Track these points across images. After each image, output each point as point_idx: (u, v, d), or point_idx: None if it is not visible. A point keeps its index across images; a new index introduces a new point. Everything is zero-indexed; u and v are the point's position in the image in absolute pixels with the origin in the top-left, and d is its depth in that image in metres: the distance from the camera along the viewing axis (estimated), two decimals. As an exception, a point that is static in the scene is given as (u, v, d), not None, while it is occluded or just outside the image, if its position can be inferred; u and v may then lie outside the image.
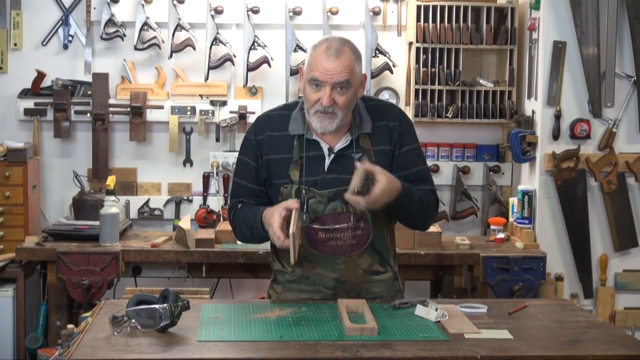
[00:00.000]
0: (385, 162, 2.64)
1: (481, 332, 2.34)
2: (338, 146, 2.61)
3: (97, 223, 3.94)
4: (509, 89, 4.33)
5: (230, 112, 4.43)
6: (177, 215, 4.43)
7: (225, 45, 4.37)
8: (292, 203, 2.48)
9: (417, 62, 4.30)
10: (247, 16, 4.36)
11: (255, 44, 4.36)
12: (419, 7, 4.28)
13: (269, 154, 2.63)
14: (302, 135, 2.62)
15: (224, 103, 4.44)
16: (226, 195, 4.44)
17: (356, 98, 2.61)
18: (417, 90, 4.30)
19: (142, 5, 4.34)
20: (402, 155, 2.66)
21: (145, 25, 4.35)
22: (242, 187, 2.69)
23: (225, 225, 4.09)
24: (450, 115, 4.31)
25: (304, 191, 2.59)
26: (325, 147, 2.62)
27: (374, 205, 2.46)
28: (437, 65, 4.31)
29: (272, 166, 2.63)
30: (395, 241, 2.79)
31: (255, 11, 4.40)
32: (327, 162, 2.62)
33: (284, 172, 2.61)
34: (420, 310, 2.48)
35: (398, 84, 4.47)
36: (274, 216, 2.47)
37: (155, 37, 4.38)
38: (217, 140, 4.45)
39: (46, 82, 4.40)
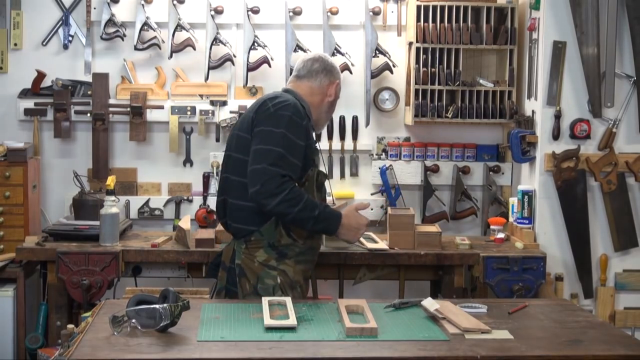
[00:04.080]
0: None
1: (490, 330, 2.34)
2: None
3: (97, 223, 3.94)
4: (509, 89, 4.33)
5: (230, 112, 4.43)
6: (177, 215, 4.43)
7: (225, 45, 4.37)
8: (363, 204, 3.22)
9: (417, 62, 4.30)
10: (247, 16, 4.36)
11: (255, 44, 4.36)
12: (419, 7, 4.28)
13: (309, 139, 3.09)
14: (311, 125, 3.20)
15: (224, 103, 4.44)
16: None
17: None
18: (417, 90, 4.30)
19: (142, 5, 4.34)
20: None
21: (145, 25, 4.35)
22: (294, 166, 3.01)
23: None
24: (450, 115, 4.31)
25: (321, 174, 3.17)
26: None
27: None
28: (437, 65, 4.31)
29: (307, 151, 3.07)
30: None
31: (255, 11, 4.40)
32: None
33: (312, 156, 3.10)
34: (426, 302, 2.51)
35: (398, 84, 4.47)
36: (361, 218, 3.15)
37: (155, 37, 4.38)
38: (217, 140, 4.45)
39: (46, 82, 4.40)
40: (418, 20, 4.28)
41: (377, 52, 4.39)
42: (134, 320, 2.27)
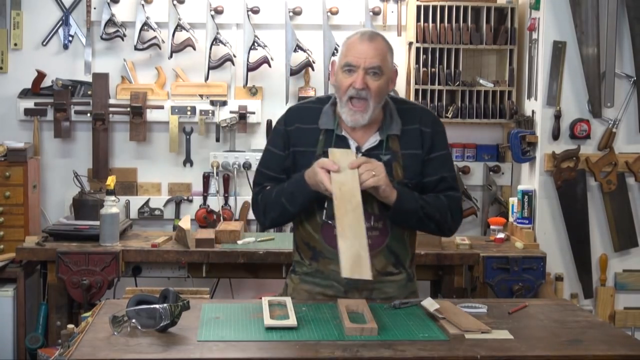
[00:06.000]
0: (412, 166, 2.64)
1: (490, 330, 2.34)
2: (366, 145, 2.62)
3: (97, 223, 3.94)
4: (509, 89, 4.33)
5: (230, 112, 4.43)
6: (177, 215, 4.43)
7: (225, 45, 4.37)
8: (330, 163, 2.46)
9: (417, 62, 4.30)
10: (247, 16, 4.36)
11: (255, 44, 4.36)
12: (419, 7, 4.28)
13: (297, 146, 2.66)
14: (330, 130, 2.63)
15: (224, 103, 4.44)
16: (226, 195, 4.45)
17: (388, 90, 2.63)
18: (417, 90, 4.31)
19: (142, 5, 4.34)
20: (430, 161, 2.67)
21: (145, 25, 4.35)
22: (265, 177, 2.72)
23: (225, 225, 4.09)
24: (450, 115, 4.31)
25: None
26: (353, 145, 2.62)
27: (374, 169, 2.47)
28: (437, 65, 4.31)
29: (297, 158, 2.65)
30: (415, 243, 2.78)
31: (255, 11, 4.40)
32: None
33: (309, 165, 2.57)
34: (425, 302, 2.50)
35: (398, 84, 4.40)
36: (319, 174, 2.47)
37: (155, 37, 4.38)
38: (217, 140, 4.45)
39: (46, 82, 4.40)
40: (418, 20, 4.28)
41: (377, 52, 4.38)
42: (134, 320, 2.27)
